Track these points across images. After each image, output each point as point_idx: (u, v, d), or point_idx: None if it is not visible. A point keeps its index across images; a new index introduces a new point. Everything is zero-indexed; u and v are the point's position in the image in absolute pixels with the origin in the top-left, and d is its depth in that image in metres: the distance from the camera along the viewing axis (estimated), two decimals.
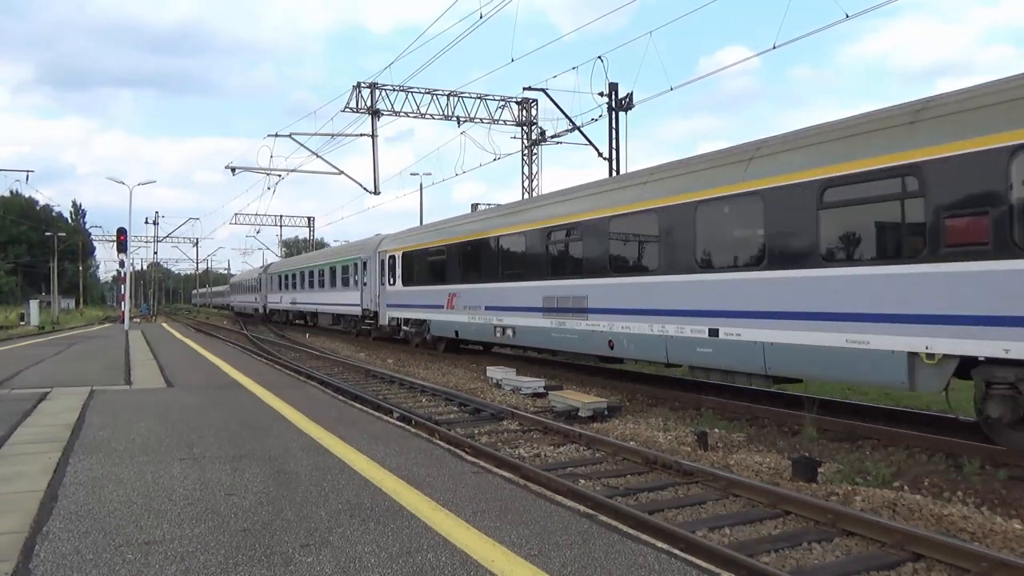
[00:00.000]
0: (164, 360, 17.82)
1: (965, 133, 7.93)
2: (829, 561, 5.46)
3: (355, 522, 4.85)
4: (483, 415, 11.75)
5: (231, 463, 6.56)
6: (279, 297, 45.55)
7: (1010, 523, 6.20)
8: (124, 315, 37.24)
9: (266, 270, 51.83)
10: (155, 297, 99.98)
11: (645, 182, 13.12)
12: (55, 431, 8.14)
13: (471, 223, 20.28)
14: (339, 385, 14.91)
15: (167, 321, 57.74)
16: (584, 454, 9.03)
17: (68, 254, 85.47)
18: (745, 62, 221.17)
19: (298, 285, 40.17)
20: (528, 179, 29.96)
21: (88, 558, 4.19)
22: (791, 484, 7.41)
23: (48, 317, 55.33)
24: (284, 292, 44.07)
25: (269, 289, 48.90)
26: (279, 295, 45.57)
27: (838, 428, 9.97)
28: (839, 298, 9.20)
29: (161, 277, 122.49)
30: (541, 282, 15.78)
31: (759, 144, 11.03)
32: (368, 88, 27.75)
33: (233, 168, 34.70)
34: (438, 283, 21.07)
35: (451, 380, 16.57)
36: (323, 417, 9.06)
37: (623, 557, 4.24)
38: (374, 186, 29.67)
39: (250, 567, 4.06)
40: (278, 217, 68.83)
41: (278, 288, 45.91)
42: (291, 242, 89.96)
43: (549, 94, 24.70)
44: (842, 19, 14.68)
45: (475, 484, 5.88)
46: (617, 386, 14.54)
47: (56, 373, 14.73)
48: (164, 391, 11.93)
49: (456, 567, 4.06)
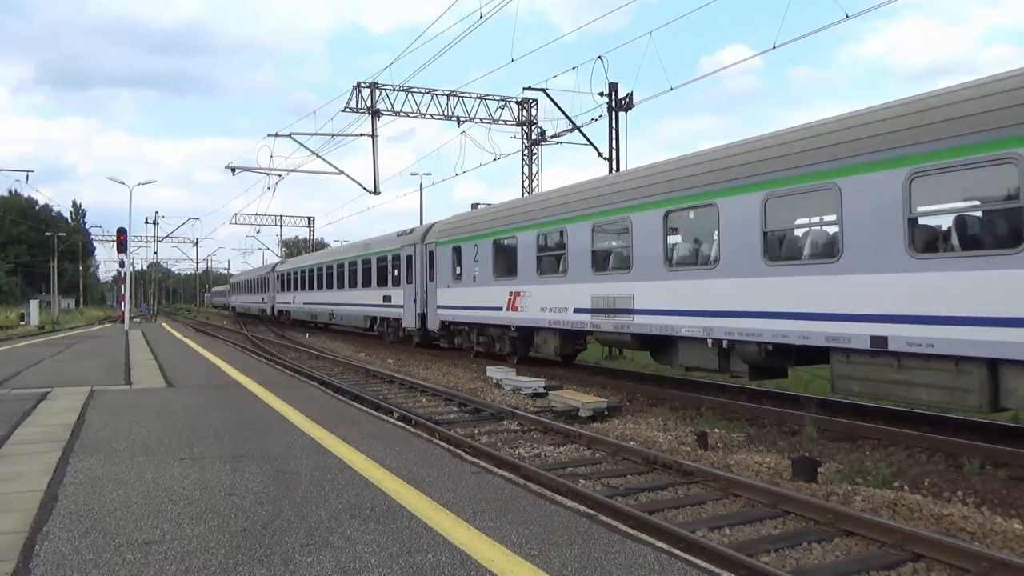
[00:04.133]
0: (164, 360, 17.82)
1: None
2: (829, 561, 5.46)
3: (355, 522, 4.85)
4: (483, 415, 11.75)
5: (231, 463, 6.56)
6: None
7: (1010, 523, 6.20)
8: (124, 315, 37.23)
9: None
10: (155, 297, 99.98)
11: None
12: (55, 431, 8.14)
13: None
14: (339, 385, 14.91)
15: (167, 321, 57.73)
16: (584, 454, 9.03)
17: (68, 254, 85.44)
18: (746, 62, 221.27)
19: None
20: (528, 179, 29.95)
21: (88, 558, 4.19)
22: (791, 484, 7.41)
23: (48, 317, 55.34)
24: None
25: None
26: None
27: (838, 428, 9.97)
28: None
29: (161, 277, 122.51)
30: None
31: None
32: (368, 88, 27.74)
33: (233, 168, 34.74)
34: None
35: (451, 380, 16.57)
36: (323, 417, 9.06)
37: (623, 557, 4.24)
38: (374, 186, 29.67)
39: (250, 567, 4.06)
40: (278, 217, 68.83)
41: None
42: (291, 242, 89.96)
43: (549, 94, 24.69)
44: (842, 19, 14.68)
45: (475, 484, 5.88)
46: (617, 386, 14.54)
47: (56, 373, 14.73)
48: (164, 391, 11.93)
49: (456, 567, 4.06)
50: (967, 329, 7.96)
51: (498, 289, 17.74)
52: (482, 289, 18.61)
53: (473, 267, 19.15)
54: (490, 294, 18.14)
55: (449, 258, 20.57)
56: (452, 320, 20.65)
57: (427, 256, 22.18)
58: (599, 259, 14.34)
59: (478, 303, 18.94)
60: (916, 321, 8.49)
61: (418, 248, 22.88)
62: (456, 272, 20.10)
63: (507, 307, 17.35)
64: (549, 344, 16.54)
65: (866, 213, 9.10)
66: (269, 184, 38.74)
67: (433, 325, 21.79)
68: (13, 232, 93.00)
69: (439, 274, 21.20)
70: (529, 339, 17.46)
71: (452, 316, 20.57)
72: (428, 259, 22.08)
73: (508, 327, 17.72)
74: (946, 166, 8.24)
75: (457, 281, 19.99)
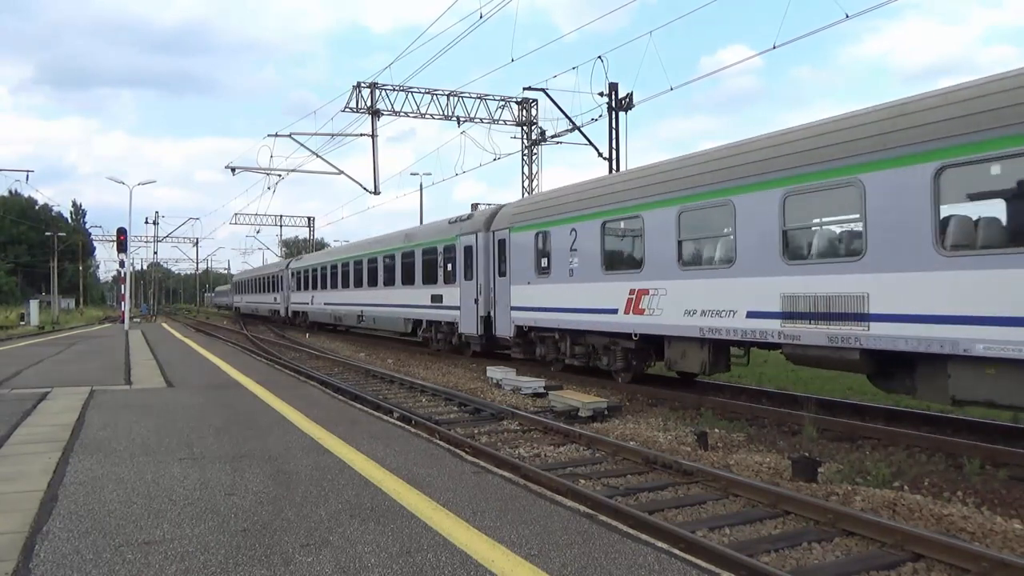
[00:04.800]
0: (164, 360, 17.82)
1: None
2: (829, 561, 5.46)
3: (355, 522, 4.85)
4: (483, 415, 11.76)
5: (231, 463, 6.56)
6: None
7: (1010, 523, 6.20)
8: (124, 315, 37.22)
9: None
10: (155, 297, 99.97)
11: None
12: (55, 431, 8.14)
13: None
14: (339, 385, 14.91)
15: (167, 321, 57.73)
16: (584, 454, 9.03)
17: (68, 254, 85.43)
18: (746, 62, 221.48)
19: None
20: (528, 179, 29.97)
21: (88, 558, 4.19)
22: (791, 484, 7.41)
23: (48, 317, 55.35)
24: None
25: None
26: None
27: (838, 428, 9.97)
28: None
29: (161, 277, 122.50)
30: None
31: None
32: (368, 88, 27.75)
33: (233, 168, 34.75)
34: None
35: (451, 380, 16.56)
36: (323, 417, 9.06)
37: (623, 557, 4.24)
38: (374, 186, 29.67)
39: (250, 567, 4.06)
40: (278, 217, 68.78)
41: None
42: (291, 242, 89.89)
43: (549, 94, 24.70)
44: (842, 19, 14.66)
45: (475, 484, 5.88)
46: (617, 386, 14.53)
47: (56, 373, 14.73)
48: (164, 391, 11.93)
49: (456, 567, 4.06)
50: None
51: (611, 286, 13.87)
52: (584, 286, 14.69)
53: (569, 258, 15.17)
54: (597, 292, 14.26)
55: (530, 247, 16.62)
56: (534, 325, 16.60)
57: (495, 246, 18.30)
58: (795, 243, 10.57)
59: (576, 303, 14.92)
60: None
61: (481, 237, 18.99)
62: (541, 265, 16.19)
63: (627, 309, 13.40)
64: (691, 358, 12.41)
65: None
66: (269, 184, 38.70)
67: (504, 330, 17.81)
68: (13, 232, 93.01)
69: (514, 267, 17.26)
70: (653, 351, 13.83)
71: (534, 320, 16.53)
72: (497, 249, 18.21)
73: (624, 335, 13.81)
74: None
75: (542, 276, 16.11)
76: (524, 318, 16.91)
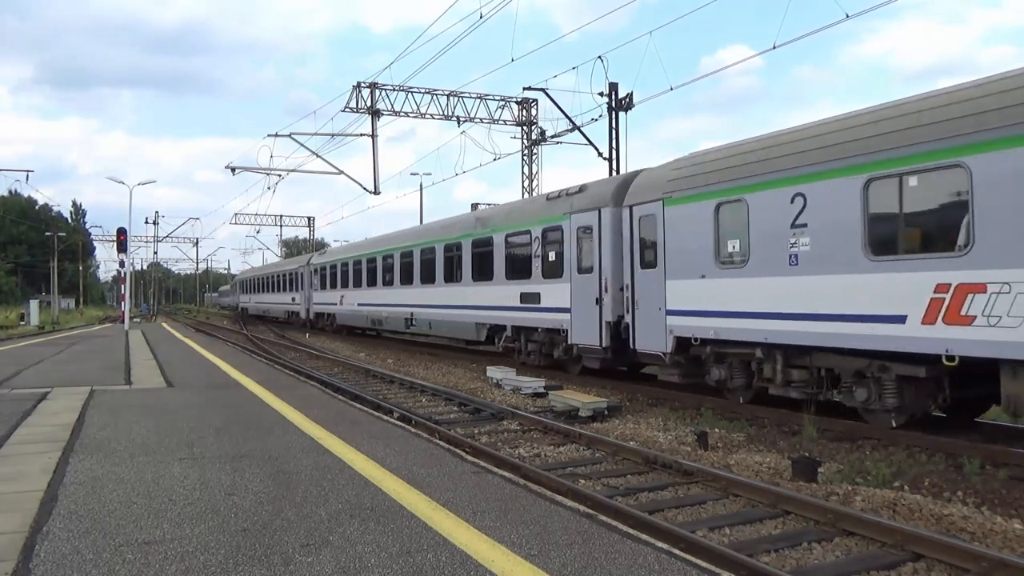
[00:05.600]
0: (164, 360, 17.82)
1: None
2: (829, 561, 5.46)
3: (355, 522, 4.85)
4: (483, 415, 11.76)
5: (231, 463, 6.56)
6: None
7: (1010, 523, 6.20)
8: (124, 315, 37.23)
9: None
10: (155, 297, 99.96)
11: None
12: (55, 431, 8.14)
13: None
14: (339, 385, 14.91)
15: (167, 321, 57.74)
16: (584, 454, 9.03)
17: (68, 254, 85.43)
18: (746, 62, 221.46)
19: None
20: (528, 179, 29.98)
21: (88, 558, 4.19)
22: (791, 484, 7.41)
23: (48, 317, 55.37)
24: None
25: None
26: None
27: (838, 428, 9.97)
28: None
29: (161, 277, 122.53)
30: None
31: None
32: (368, 88, 27.76)
33: (233, 168, 34.78)
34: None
35: (451, 380, 16.57)
36: (323, 417, 9.06)
37: (623, 557, 4.24)
38: (374, 186, 29.69)
39: (250, 567, 4.06)
40: (278, 217, 68.83)
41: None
42: (291, 242, 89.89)
43: (549, 94, 24.72)
44: (842, 19, 14.63)
45: (475, 484, 5.88)
46: (617, 386, 14.52)
47: (56, 373, 14.73)
48: (164, 391, 11.93)
49: (456, 567, 4.06)
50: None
51: (887, 278, 9.02)
52: (823, 280, 9.81)
53: (789, 238, 10.23)
54: (853, 289, 9.41)
55: (706, 225, 11.72)
56: (711, 337, 11.66)
57: (634, 226, 13.48)
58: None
59: (804, 306, 10.08)
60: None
61: (607, 214, 14.30)
62: (727, 250, 11.44)
63: (928, 316, 8.50)
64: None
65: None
66: (269, 184, 38.69)
67: (652, 343, 12.97)
68: (13, 232, 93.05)
69: (672, 256, 12.47)
70: (976, 382, 9.07)
71: (713, 329, 11.59)
72: (638, 231, 13.41)
73: (913, 357, 8.93)
74: None
75: (730, 266, 11.32)
76: (690, 326, 12.07)
